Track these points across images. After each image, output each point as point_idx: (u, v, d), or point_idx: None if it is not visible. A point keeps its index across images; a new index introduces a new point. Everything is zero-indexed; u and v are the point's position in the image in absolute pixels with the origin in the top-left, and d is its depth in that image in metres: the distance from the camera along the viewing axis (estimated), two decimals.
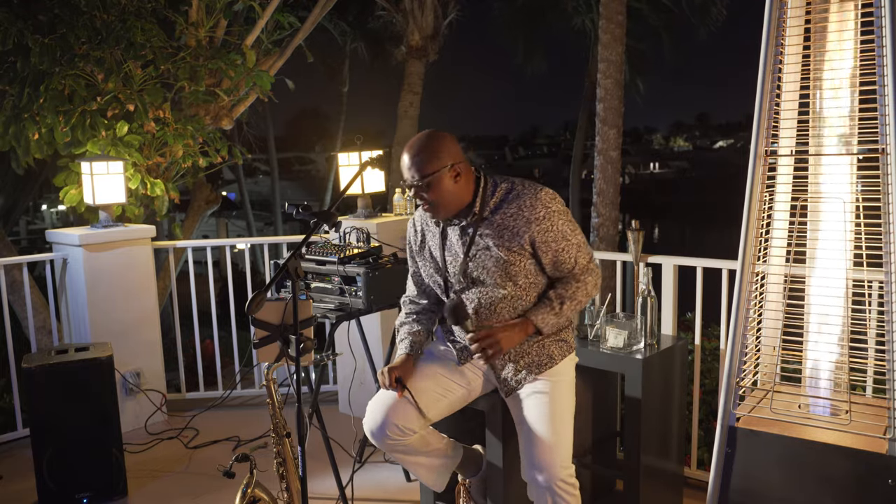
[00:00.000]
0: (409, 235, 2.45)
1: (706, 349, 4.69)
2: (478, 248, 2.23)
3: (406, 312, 2.48)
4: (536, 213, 2.17)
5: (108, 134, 4.48)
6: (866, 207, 2.16)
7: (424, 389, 2.30)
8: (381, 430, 2.24)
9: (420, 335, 2.41)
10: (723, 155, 47.26)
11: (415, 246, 2.42)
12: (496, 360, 2.26)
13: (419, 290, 2.48)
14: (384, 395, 2.30)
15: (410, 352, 2.36)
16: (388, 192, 4.55)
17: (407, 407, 2.26)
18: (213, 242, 4.70)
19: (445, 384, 2.34)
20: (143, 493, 3.33)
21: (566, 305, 2.24)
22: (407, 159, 2.18)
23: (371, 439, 2.29)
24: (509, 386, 2.29)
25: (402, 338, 2.41)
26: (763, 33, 2.24)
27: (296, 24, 5.52)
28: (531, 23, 13.99)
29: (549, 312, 2.23)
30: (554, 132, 60.05)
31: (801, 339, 2.31)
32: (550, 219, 2.18)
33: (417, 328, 2.41)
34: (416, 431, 2.28)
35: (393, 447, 2.29)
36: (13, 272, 4.98)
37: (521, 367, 2.28)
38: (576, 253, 2.23)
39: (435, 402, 2.31)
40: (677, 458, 2.98)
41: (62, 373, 3.15)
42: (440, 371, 2.35)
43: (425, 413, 2.28)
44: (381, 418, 2.25)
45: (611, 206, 7.45)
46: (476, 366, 2.38)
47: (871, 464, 2.09)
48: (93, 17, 4.46)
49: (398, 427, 2.24)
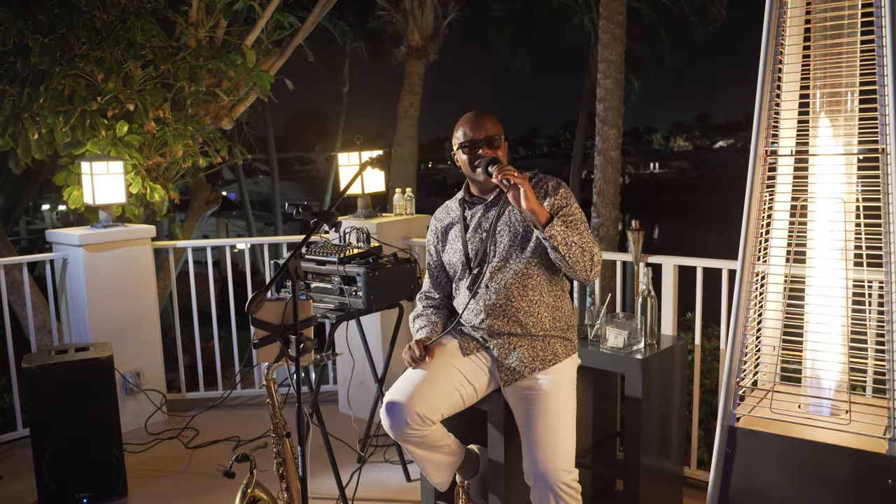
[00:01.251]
0: (433, 228, 2.59)
1: (706, 349, 4.69)
2: (500, 223, 2.38)
3: (423, 305, 2.60)
4: (555, 190, 2.35)
5: (108, 134, 4.48)
6: (866, 207, 2.16)
7: (441, 378, 2.33)
8: (402, 419, 2.25)
9: (437, 326, 2.50)
10: (723, 155, 47.25)
11: (439, 234, 2.56)
12: (515, 183, 2.20)
13: (434, 283, 2.60)
14: (402, 384, 2.32)
15: (430, 336, 2.45)
16: (388, 192, 4.55)
17: (428, 396, 2.28)
18: (213, 242, 4.70)
19: (458, 377, 2.37)
20: (143, 493, 3.33)
21: (573, 235, 2.24)
22: (472, 118, 2.38)
23: (389, 430, 2.30)
24: (511, 375, 2.33)
25: (421, 326, 2.51)
26: (763, 33, 2.24)
27: (296, 24, 5.52)
28: (531, 23, 14.01)
29: (560, 224, 2.24)
30: (554, 132, 60.06)
31: (801, 339, 2.31)
32: (567, 198, 2.35)
33: (435, 318, 2.52)
34: (435, 422, 2.30)
35: (410, 437, 2.29)
36: (13, 272, 4.98)
37: (526, 359, 2.33)
38: (584, 230, 2.32)
39: (450, 394, 2.34)
40: (677, 458, 2.98)
41: (62, 373, 3.15)
42: (452, 362, 2.39)
43: (442, 403, 2.31)
44: (401, 407, 2.26)
45: (611, 206, 7.45)
46: (480, 359, 2.41)
47: (871, 464, 2.09)
48: (93, 17, 4.46)
49: (420, 416, 2.25)
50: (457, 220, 2.50)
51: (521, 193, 2.19)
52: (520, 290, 2.34)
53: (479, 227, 2.43)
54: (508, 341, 2.36)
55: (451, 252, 2.49)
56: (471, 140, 2.36)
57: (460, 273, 2.46)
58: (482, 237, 2.41)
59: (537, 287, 2.36)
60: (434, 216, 2.61)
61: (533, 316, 2.35)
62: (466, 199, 2.51)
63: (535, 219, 2.21)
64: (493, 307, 2.36)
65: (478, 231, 2.43)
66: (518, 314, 2.35)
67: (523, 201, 2.19)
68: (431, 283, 2.61)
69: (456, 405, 2.37)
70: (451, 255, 2.49)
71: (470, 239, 2.43)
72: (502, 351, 2.36)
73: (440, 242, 2.55)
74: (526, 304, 2.35)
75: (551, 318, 2.38)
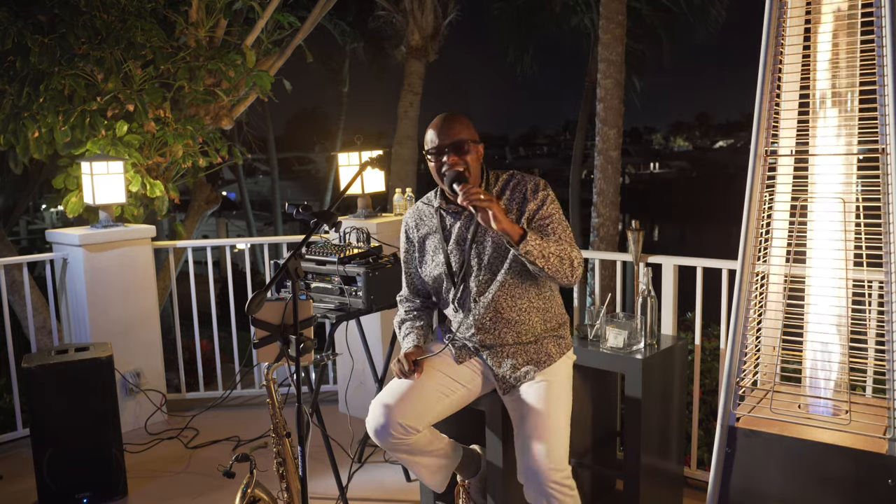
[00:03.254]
0: (406, 234, 2.49)
1: (706, 349, 4.69)
2: (481, 234, 2.31)
3: (405, 310, 2.53)
4: (534, 194, 2.29)
5: (108, 134, 4.48)
6: (866, 207, 2.16)
7: (427, 388, 2.31)
8: (385, 429, 2.25)
9: (423, 330, 2.46)
10: (723, 155, 47.24)
11: (414, 241, 2.47)
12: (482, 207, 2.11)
13: (412, 290, 2.54)
14: (387, 394, 2.31)
15: (418, 343, 2.41)
16: (388, 192, 4.55)
17: (411, 406, 2.27)
18: (213, 242, 4.70)
19: (447, 383, 2.35)
20: (143, 493, 3.33)
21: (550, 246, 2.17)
22: (440, 123, 2.27)
23: (374, 438, 2.29)
24: (508, 383, 2.32)
25: (407, 332, 2.46)
26: (763, 33, 2.24)
27: (296, 24, 5.51)
28: (531, 23, 14.00)
29: (535, 238, 2.16)
30: (554, 132, 60.03)
31: (801, 339, 2.31)
32: (544, 200, 2.29)
33: (420, 323, 2.48)
34: (420, 430, 2.28)
35: (396, 446, 2.29)
36: (13, 272, 4.98)
37: (520, 365, 2.31)
38: (562, 232, 2.27)
39: (437, 402, 2.32)
40: (677, 458, 2.98)
41: (62, 373, 3.15)
42: (441, 370, 2.36)
43: (428, 412, 2.29)
44: (384, 417, 2.25)
45: (611, 206, 7.45)
46: (474, 364, 2.39)
47: (871, 464, 2.09)
48: (93, 17, 4.46)
49: (402, 426, 2.24)
50: (434, 229, 2.41)
51: (490, 215, 2.10)
52: (508, 300, 2.30)
53: (461, 239, 2.35)
54: (502, 350, 2.34)
55: (433, 265, 2.40)
56: (436, 146, 2.26)
57: (446, 285, 2.39)
58: (464, 250, 2.33)
59: (525, 294, 2.32)
60: (405, 220, 2.50)
61: (524, 324, 2.32)
62: (443, 208, 2.39)
63: (509, 238, 2.13)
64: (482, 322, 2.33)
65: (460, 244, 2.35)
66: (508, 324, 2.32)
67: (493, 223, 2.10)
68: (409, 290, 2.54)
69: (445, 410, 2.35)
70: (433, 267, 2.40)
71: (452, 251, 2.36)
72: (495, 360, 2.34)
73: (417, 251, 2.46)
74: (515, 313, 2.31)
75: (542, 321, 2.35)
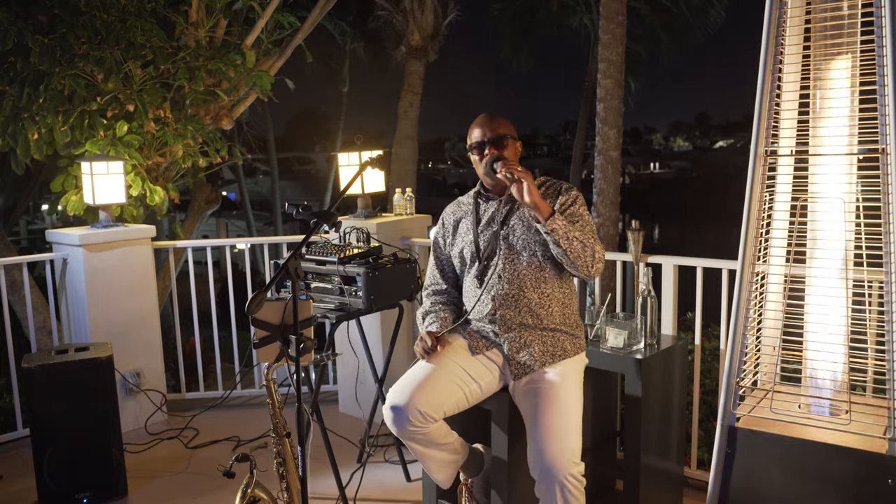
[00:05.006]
0: (441, 220, 2.63)
1: (706, 349, 4.69)
2: (514, 217, 2.42)
3: (431, 302, 2.59)
4: (567, 191, 2.45)
5: (108, 134, 4.48)
6: (866, 207, 2.16)
7: (443, 378, 2.33)
8: (404, 415, 2.26)
9: (447, 321, 2.50)
10: (723, 155, 47.26)
11: (448, 226, 2.59)
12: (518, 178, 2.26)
13: (441, 275, 2.61)
14: (405, 383, 2.33)
15: (440, 329, 2.46)
16: (388, 192, 4.55)
17: (429, 393, 2.29)
18: (213, 242, 4.70)
19: (462, 376, 2.37)
20: (143, 493, 3.33)
21: (575, 231, 2.29)
22: (482, 120, 2.45)
23: (391, 426, 2.31)
24: (521, 369, 2.36)
25: (431, 321, 2.51)
26: (763, 33, 2.24)
27: (296, 24, 5.51)
28: (531, 23, 14.01)
29: (562, 219, 2.29)
30: (554, 132, 60.11)
31: (801, 339, 2.31)
32: (576, 199, 2.43)
33: (444, 315, 2.52)
34: (437, 420, 2.30)
35: (412, 435, 2.30)
36: (13, 272, 4.98)
37: (536, 353, 2.35)
38: (588, 230, 2.38)
39: (452, 393, 2.34)
40: (677, 458, 2.98)
41: (62, 373, 3.14)
42: (457, 361, 2.39)
43: (444, 401, 2.32)
44: (404, 403, 2.26)
45: (611, 206, 7.45)
46: (488, 358, 2.42)
47: (871, 464, 2.09)
48: (93, 17, 4.46)
49: (421, 413, 2.25)
50: (469, 212, 2.54)
51: (525, 187, 2.24)
52: (532, 281, 2.38)
53: (492, 221, 2.46)
54: (520, 335, 2.38)
55: (461, 244, 2.52)
56: (478, 141, 2.44)
57: (469, 264, 2.48)
58: (494, 230, 2.43)
59: (549, 281, 2.39)
60: (444, 211, 2.66)
61: (544, 308, 2.38)
62: (482, 192, 2.55)
63: (538, 212, 2.26)
64: (504, 297, 2.38)
65: (491, 225, 2.46)
66: (530, 304, 2.37)
67: (526, 195, 2.24)
68: (439, 274, 2.62)
69: (459, 403, 2.37)
70: (461, 246, 2.51)
71: (482, 231, 2.47)
72: (513, 346, 2.38)
73: (449, 235, 2.58)
74: (538, 295, 2.38)
75: (561, 314, 2.41)
